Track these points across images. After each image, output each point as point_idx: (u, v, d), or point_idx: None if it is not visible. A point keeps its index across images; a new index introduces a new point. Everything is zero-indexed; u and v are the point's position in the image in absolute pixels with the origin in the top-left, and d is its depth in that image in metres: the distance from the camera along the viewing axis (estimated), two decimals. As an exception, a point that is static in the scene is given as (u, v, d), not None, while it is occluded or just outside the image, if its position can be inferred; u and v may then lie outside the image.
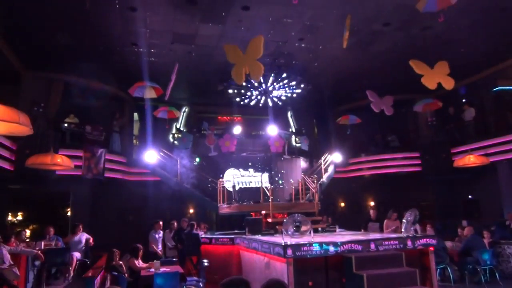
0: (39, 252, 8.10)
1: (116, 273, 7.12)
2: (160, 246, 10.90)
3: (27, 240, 9.78)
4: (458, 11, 8.77)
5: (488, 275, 8.55)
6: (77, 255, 9.44)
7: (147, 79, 10.15)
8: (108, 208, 13.99)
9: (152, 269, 7.36)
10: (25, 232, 9.80)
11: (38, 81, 12.05)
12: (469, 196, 15.10)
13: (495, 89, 13.64)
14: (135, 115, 15.70)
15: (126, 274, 7.42)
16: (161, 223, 11.14)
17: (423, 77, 8.49)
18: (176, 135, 15.53)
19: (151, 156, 13.30)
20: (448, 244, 9.59)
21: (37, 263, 8.25)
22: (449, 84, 8.32)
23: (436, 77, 8.41)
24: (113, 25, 9.54)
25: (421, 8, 7.00)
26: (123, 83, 12.09)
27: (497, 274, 8.63)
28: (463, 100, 14.70)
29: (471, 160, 11.66)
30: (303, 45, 10.97)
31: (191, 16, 9.28)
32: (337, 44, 10.67)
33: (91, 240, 9.77)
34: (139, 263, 7.82)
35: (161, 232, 11.09)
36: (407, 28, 10.16)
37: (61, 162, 9.11)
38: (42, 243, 9.11)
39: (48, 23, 9.32)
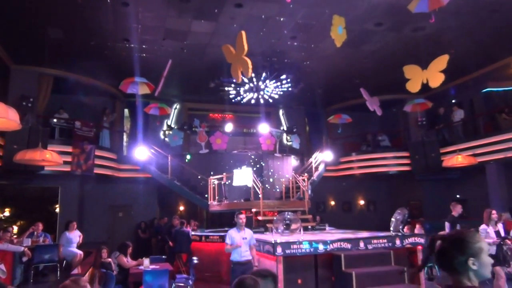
0: (26, 248, 8.01)
1: (104, 270, 7.07)
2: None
3: (14, 236, 9.66)
4: (449, 12, 8.84)
5: (474, 273, 8.66)
6: (80, 252, 9.28)
7: (139, 75, 10.08)
8: (97, 205, 13.90)
9: (141, 266, 7.34)
10: (12, 228, 9.67)
11: (27, 76, 11.88)
12: (457, 196, 15.27)
13: (484, 90, 13.80)
14: (126, 111, 15.59)
15: (114, 271, 7.38)
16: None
17: (408, 83, 8.58)
18: (167, 132, 15.46)
19: (141, 152, 13.23)
20: (436, 243, 9.68)
21: (24, 259, 8.16)
22: (436, 81, 8.34)
23: (425, 76, 8.46)
24: (104, 20, 9.45)
25: (412, 9, 7.05)
26: (114, 78, 12.00)
27: (483, 273, 8.74)
28: (453, 101, 14.86)
29: (459, 160, 11.81)
30: (295, 43, 10.98)
31: (184, 12, 9.23)
32: (329, 43, 10.68)
33: (80, 238, 9.69)
34: (128, 260, 7.78)
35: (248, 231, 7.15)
36: (398, 28, 10.22)
37: (50, 158, 8.99)
38: (30, 239, 9.01)
39: (39, 17, 9.18)
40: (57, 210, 12.94)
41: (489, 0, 8.91)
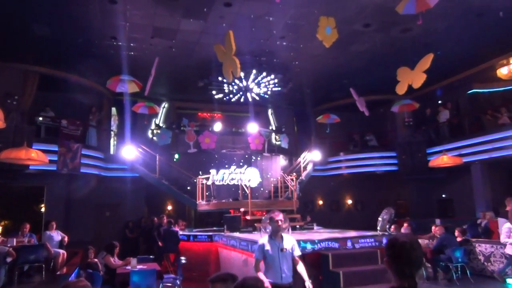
0: (11, 249, 7.87)
1: (91, 271, 6.99)
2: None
3: (-1, 236, 9.49)
4: (436, 15, 8.95)
5: (459, 272, 8.80)
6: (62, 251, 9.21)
7: (127, 73, 9.99)
8: (83, 204, 13.72)
9: (129, 267, 7.27)
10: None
11: (12, 73, 11.67)
12: (443, 195, 15.49)
13: (470, 91, 14.02)
14: (113, 109, 15.43)
15: (101, 272, 7.30)
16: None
17: (397, 85, 8.71)
18: (155, 131, 15.35)
19: (129, 151, 13.12)
20: (422, 242, 9.82)
21: (8, 260, 8.02)
22: (419, 82, 8.47)
23: (410, 78, 8.57)
24: (92, 17, 9.33)
25: (400, 10, 7.13)
26: (101, 76, 11.86)
27: (468, 271, 8.89)
28: (439, 102, 15.06)
29: (444, 160, 11.97)
30: (284, 43, 11.00)
31: (173, 11, 9.18)
32: (318, 43, 10.68)
33: (66, 239, 9.56)
34: (115, 260, 7.70)
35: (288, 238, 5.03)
36: (386, 30, 10.32)
37: (35, 156, 8.86)
38: (14, 239, 8.86)
39: (24, 13, 9.03)
40: (43, 209, 12.75)
41: (475, 3, 9.05)
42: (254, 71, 11.69)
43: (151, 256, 9.13)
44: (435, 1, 6.86)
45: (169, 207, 15.57)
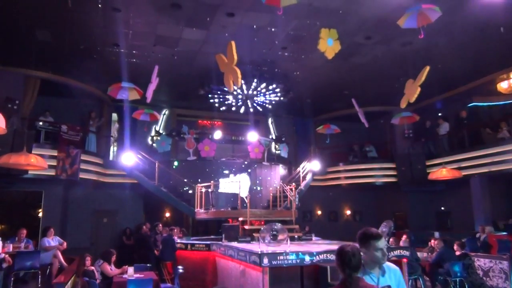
0: (6, 255, 7.82)
1: (87, 279, 6.94)
2: None
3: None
4: (437, 29, 9.02)
5: (458, 286, 8.75)
6: (59, 257, 9.17)
7: (128, 80, 10.01)
8: (81, 210, 13.68)
9: (125, 275, 7.22)
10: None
11: (13, 77, 11.69)
12: (442, 208, 15.47)
13: (470, 105, 14.05)
14: (114, 115, 15.43)
15: (98, 280, 7.25)
16: None
17: (402, 98, 8.77)
18: (155, 138, 15.35)
19: (128, 158, 13.09)
20: (420, 255, 9.78)
21: (4, 266, 7.96)
22: (413, 95, 8.52)
23: (410, 90, 8.62)
24: (95, 24, 9.38)
25: (402, 24, 7.18)
26: (102, 82, 11.88)
27: (466, 286, 8.84)
28: (439, 114, 15.10)
29: (443, 173, 11.97)
30: (286, 53, 11.06)
31: (175, 20, 9.23)
32: (319, 54, 10.72)
33: (64, 244, 9.50)
34: (112, 268, 7.65)
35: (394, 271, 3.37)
36: (388, 43, 10.38)
37: (35, 162, 8.84)
38: (11, 245, 8.81)
39: (26, 18, 9.07)
40: (40, 215, 12.69)
41: (476, 18, 9.11)
42: (255, 81, 11.73)
43: (148, 265, 9.08)
44: (436, 16, 6.93)
45: (167, 214, 15.52)
